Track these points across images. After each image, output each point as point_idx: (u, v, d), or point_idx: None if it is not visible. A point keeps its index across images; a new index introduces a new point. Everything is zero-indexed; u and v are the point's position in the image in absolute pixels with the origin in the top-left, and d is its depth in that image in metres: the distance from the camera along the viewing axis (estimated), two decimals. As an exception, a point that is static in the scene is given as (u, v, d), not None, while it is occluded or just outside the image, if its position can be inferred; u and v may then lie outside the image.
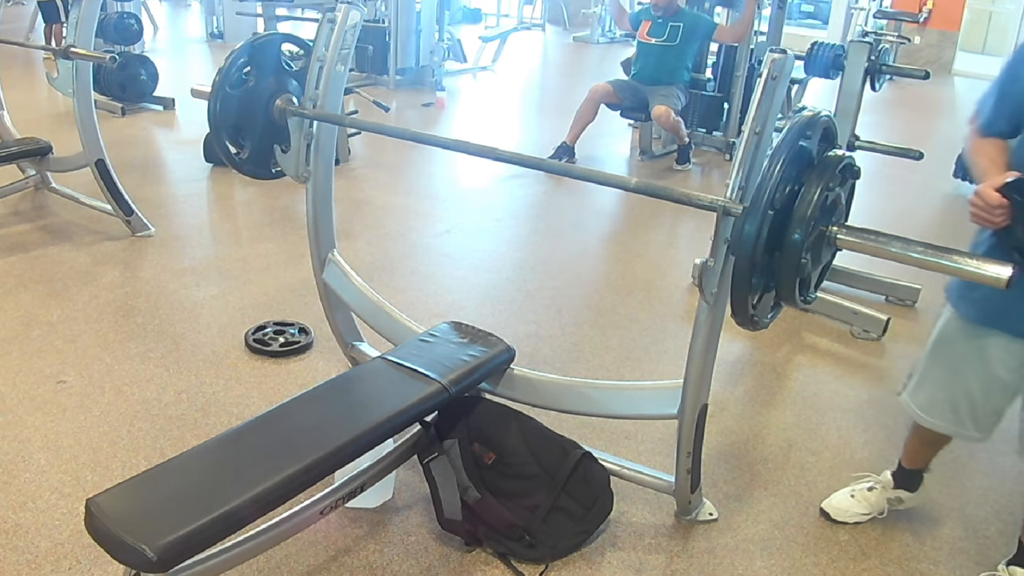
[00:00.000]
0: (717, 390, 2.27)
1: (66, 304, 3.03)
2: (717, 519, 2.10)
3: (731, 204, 1.59)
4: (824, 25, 13.20)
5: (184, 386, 2.54)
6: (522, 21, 13.01)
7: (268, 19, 8.77)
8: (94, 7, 3.38)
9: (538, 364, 2.78)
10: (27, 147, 3.83)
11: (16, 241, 3.59)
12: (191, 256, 3.58)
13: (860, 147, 3.58)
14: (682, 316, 3.28)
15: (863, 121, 3.73)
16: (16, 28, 8.50)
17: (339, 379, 2.10)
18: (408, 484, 2.14)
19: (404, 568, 1.88)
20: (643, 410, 2.09)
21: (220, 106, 2.14)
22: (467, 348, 2.12)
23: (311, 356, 2.78)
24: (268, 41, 2.24)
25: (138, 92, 5.77)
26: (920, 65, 7.61)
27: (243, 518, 1.49)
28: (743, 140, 1.61)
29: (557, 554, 1.92)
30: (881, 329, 3.17)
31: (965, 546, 2.09)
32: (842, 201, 1.68)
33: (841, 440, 2.51)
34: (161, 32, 10.28)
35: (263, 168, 2.32)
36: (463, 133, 6.16)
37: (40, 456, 2.17)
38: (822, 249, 1.66)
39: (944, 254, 1.51)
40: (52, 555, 1.84)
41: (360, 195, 4.54)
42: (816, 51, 5.76)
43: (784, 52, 1.59)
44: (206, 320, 2.98)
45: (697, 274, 1.70)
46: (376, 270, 3.51)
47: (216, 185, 4.64)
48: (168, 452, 2.18)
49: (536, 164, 2.01)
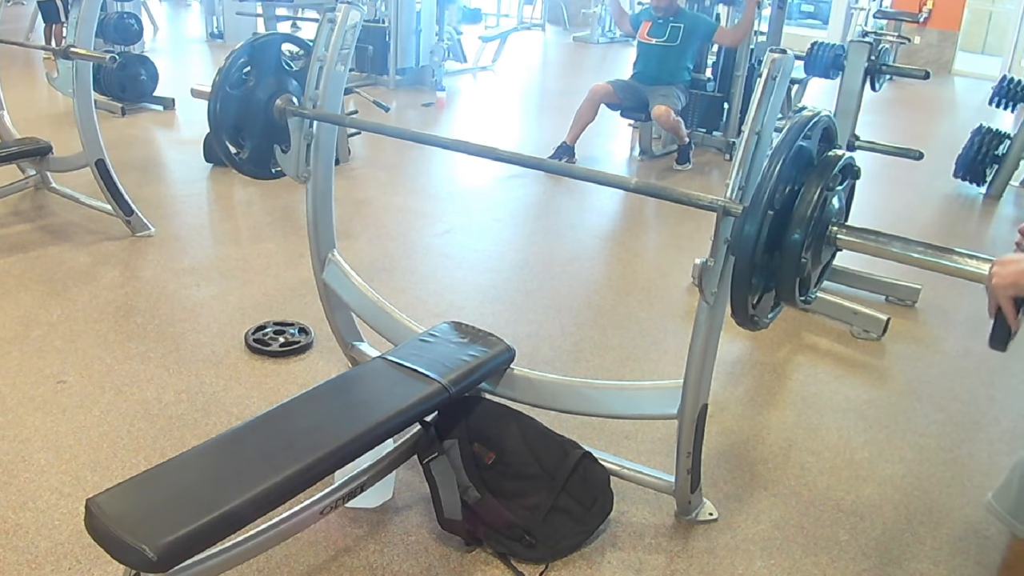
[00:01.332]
0: (717, 390, 2.27)
1: (66, 304, 3.03)
2: (717, 519, 2.10)
3: (731, 204, 1.59)
4: (824, 25, 13.20)
5: (184, 386, 2.54)
6: (522, 21, 13.01)
7: (268, 19, 8.78)
8: (94, 7, 3.38)
9: (538, 364, 2.78)
10: (27, 147, 3.83)
11: (16, 241, 3.59)
12: (191, 256, 3.58)
13: (860, 147, 3.58)
14: (682, 316, 3.28)
15: (863, 121, 3.74)
16: (16, 28, 8.50)
17: (339, 379, 2.10)
18: (408, 484, 2.14)
19: (404, 568, 1.88)
20: (643, 410, 2.09)
21: (220, 106, 2.14)
22: (467, 348, 2.12)
23: (311, 356, 2.78)
24: (268, 41, 2.24)
25: (138, 92, 5.79)
26: (920, 65, 7.61)
27: (243, 518, 1.48)
28: (743, 140, 1.61)
29: (557, 554, 1.92)
30: (881, 329, 3.17)
31: (965, 546, 2.09)
32: (842, 201, 1.69)
33: (841, 440, 2.51)
34: (161, 32, 10.28)
35: (263, 168, 2.32)
36: (463, 133, 6.16)
37: (40, 456, 2.17)
38: (822, 249, 1.66)
39: (944, 254, 1.51)
40: (52, 555, 1.84)
41: (360, 195, 4.55)
42: (816, 51, 5.77)
43: (784, 52, 1.60)
44: (206, 320, 2.98)
45: (697, 274, 1.70)
46: (376, 270, 3.51)
47: (216, 185, 4.64)
48: (168, 452, 2.17)
49: (536, 164, 2.01)
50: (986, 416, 2.71)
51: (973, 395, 2.84)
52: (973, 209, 5.29)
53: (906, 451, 2.47)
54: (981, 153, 5.25)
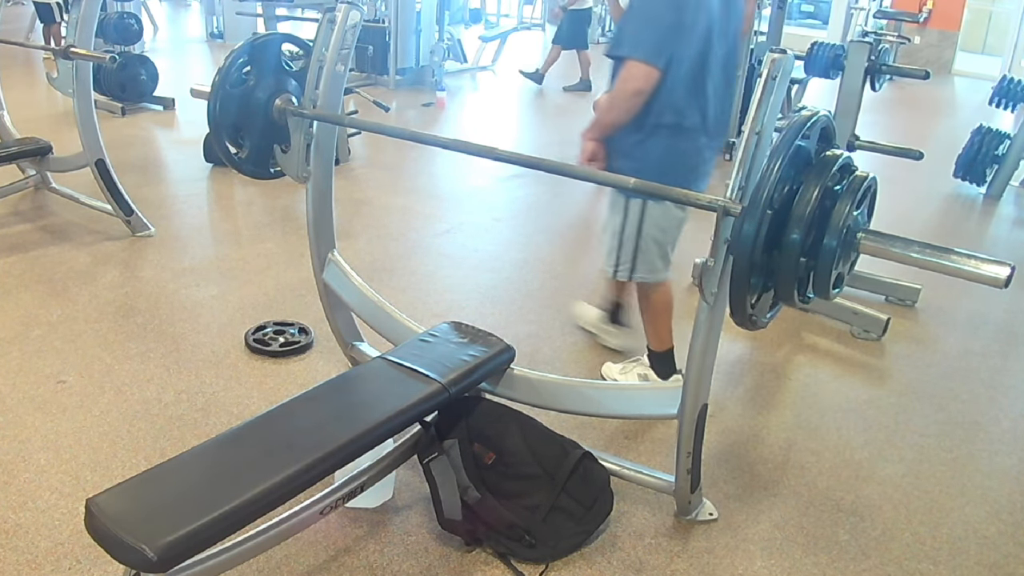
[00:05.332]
0: (717, 390, 2.27)
1: (66, 304, 3.03)
2: (717, 519, 2.10)
3: (731, 204, 1.59)
4: (824, 25, 13.20)
5: (184, 386, 2.54)
6: (522, 21, 13.02)
7: (268, 19, 8.78)
8: (94, 7, 3.38)
9: (538, 364, 2.78)
10: (27, 147, 3.83)
11: (16, 241, 3.59)
12: (191, 256, 3.58)
13: (860, 147, 3.58)
14: (682, 316, 3.27)
15: (863, 121, 3.73)
16: (16, 28, 8.50)
17: (339, 379, 2.10)
18: (408, 484, 2.14)
19: (404, 568, 1.88)
20: (643, 410, 2.09)
21: (220, 106, 2.15)
22: (467, 348, 2.12)
23: (311, 356, 2.78)
24: (268, 41, 2.24)
25: (138, 92, 5.80)
26: (920, 65, 7.60)
27: (243, 518, 1.48)
28: (743, 140, 1.61)
29: (557, 554, 1.92)
30: (881, 329, 3.17)
31: (965, 546, 2.09)
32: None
33: (841, 440, 2.51)
34: (161, 32, 10.29)
35: (263, 168, 2.32)
36: (463, 133, 6.16)
37: (40, 456, 2.17)
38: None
39: (944, 254, 1.52)
40: (52, 555, 1.84)
41: (360, 195, 4.55)
42: (816, 51, 5.77)
43: (784, 52, 1.59)
44: (206, 320, 2.98)
45: (697, 274, 1.70)
46: (376, 270, 3.51)
47: (216, 185, 4.64)
48: (168, 452, 2.17)
49: (536, 164, 2.01)
50: (986, 416, 2.71)
51: (973, 395, 2.84)
52: (973, 209, 5.29)
53: (906, 451, 2.47)
54: (981, 153, 5.26)
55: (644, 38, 2.16)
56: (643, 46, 2.15)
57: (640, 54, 2.15)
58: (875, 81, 3.81)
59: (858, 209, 1.61)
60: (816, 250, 1.60)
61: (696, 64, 2.20)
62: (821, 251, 1.59)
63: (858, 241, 1.62)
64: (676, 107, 2.22)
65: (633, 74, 2.16)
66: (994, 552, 2.06)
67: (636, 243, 2.41)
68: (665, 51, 2.14)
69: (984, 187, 5.38)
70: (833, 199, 1.60)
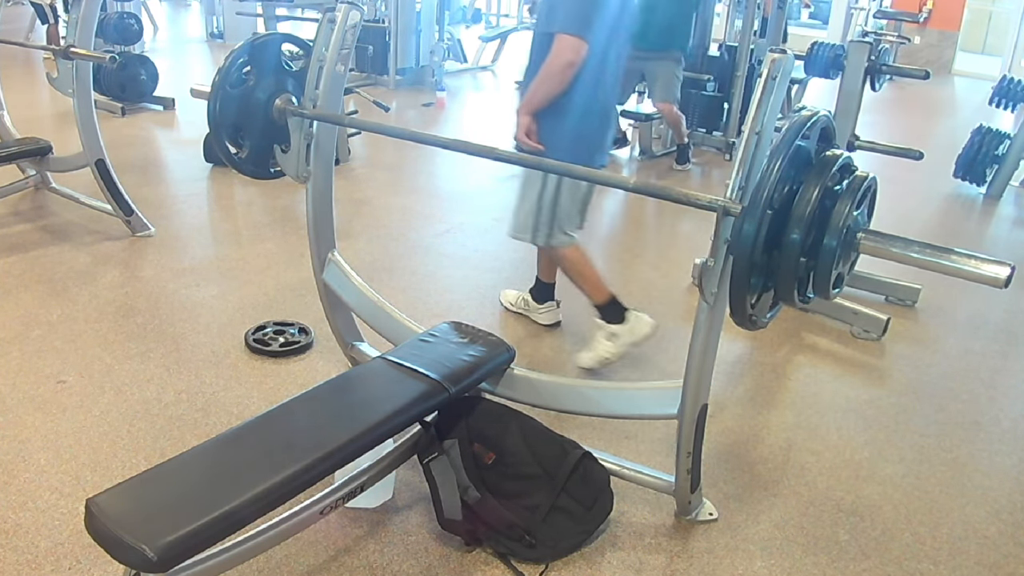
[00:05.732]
0: (717, 390, 2.27)
1: (66, 304, 3.03)
2: (717, 519, 2.10)
3: (731, 204, 1.59)
4: (824, 25, 13.20)
5: (184, 386, 2.54)
6: (522, 21, 13.01)
7: (268, 19, 8.78)
8: (94, 7, 3.38)
9: (538, 364, 2.79)
10: (27, 147, 3.83)
11: (16, 241, 3.59)
12: (191, 256, 3.58)
13: (860, 147, 3.58)
14: (682, 316, 3.28)
15: (863, 121, 3.74)
16: (16, 28, 8.50)
17: (339, 379, 2.09)
18: (408, 484, 2.14)
19: (404, 568, 1.88)
20: (643, 410, 2.09)
21: (220, 106, 2.14)
22: (467, 348, 2.12)
23: (311, 356, 2.78)
24: (268, 41, 2.24)
25: (138, 92, 5.80)
26: (920, 65, 7.61)
27: (243, 518, 1.48)
28: (743, 140, 1.61)
29: (557, 554, 1.92)
30: (881, 329, 3.17)
31: (965, 546, 2.09)
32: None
33: (841, 440, 2.51)
34: (161, 32, 10.29)
35: (263, 168, 2.32)
36: (463, 133, 6.16)
37: (40, 456, 2.17)
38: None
39: (944, 254, 1.52)
40: (52, 555, 1.84)
41: (360, 195, 4.55)
42: (816, 51, 5.77)
43: (784, 52, 1.60)
44: (206, 320, 2.98)
45: (697, 274, 1.70)
46: (376, 270, 3.51)
47: (216, 185, 4.64)
48: (168, 452, 2.17)
49: (536, 164, 2.02)
50: (986, 416, 2.71)
51: (973, 395, 2.84)
52: (973, 209, 5.29)
53: (906, 451, 2.47)
54: (981, 153, 5.26)
55: (574, 13, 2.38)
56: (574, 21, 2.37)
57: (572, 28, 2.37)
58: (875, 81, 3.81)
59: (858, 209, 1.61)
60: (816, 250, 1.60)
61: (603, 46, 2.46)
62: (821, 251, 1.59)
63: (858, 241, 1.62)
64: (585, 82, 2.46)
65: (565, 47, 2.38)
66: (994, 552, 2.06)
67: (553, 208, 2.64)
68: (591, 26, 2.38)
69: (984, 187, 5.38)
70: (833, 199, 1.60)
